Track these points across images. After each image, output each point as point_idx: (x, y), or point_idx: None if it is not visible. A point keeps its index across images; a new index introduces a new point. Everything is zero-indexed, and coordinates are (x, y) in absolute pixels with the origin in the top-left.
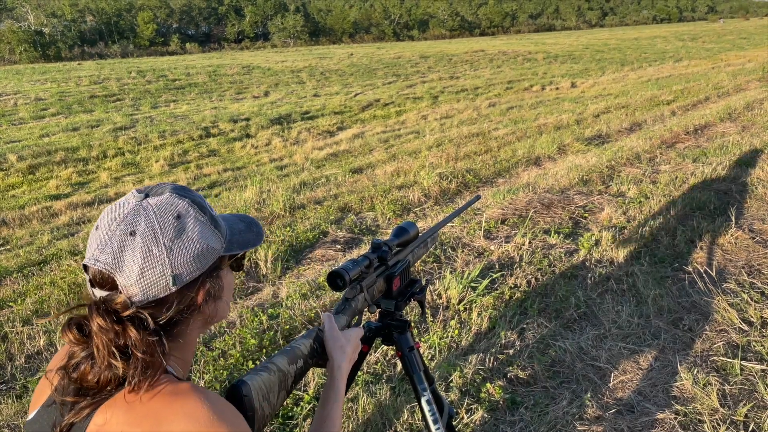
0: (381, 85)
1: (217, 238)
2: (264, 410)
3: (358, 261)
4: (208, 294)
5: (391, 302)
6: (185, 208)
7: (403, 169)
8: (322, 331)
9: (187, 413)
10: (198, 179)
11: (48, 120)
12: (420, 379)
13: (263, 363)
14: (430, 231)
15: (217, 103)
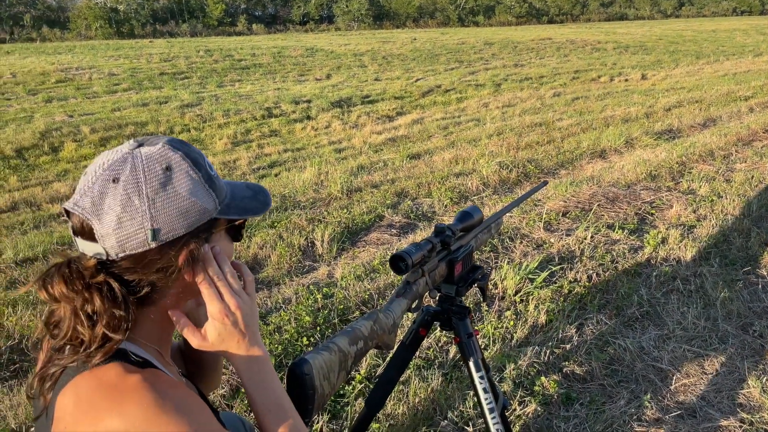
0: (443, 71)
1: (209, 198)
2: (324, 389)
3: (420, 245)
4: (192, 257)
5: (452, 287)
6: (177, 161)
7: (461, 157)
8: (383, 312)
9: (124, 412)
10: (259, 158)
11: (120, 95)
12: (478, 366)
13: (324, 343)
14: (495, 216)
15: (280, 84)
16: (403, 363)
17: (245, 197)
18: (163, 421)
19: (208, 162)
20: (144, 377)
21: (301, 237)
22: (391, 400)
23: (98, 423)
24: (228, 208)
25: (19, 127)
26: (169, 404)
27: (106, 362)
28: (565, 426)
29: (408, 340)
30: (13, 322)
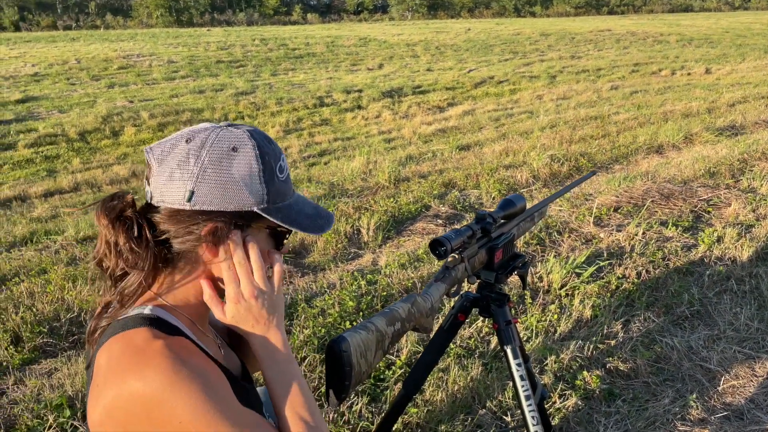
0: (496, 62)
1: (258, 192)
2: (361, 367)
3: (460, 231)
4: (215, 233)
5: (492, 274)
6: (246, 147)
7: (512, 149)
8: (421, 296)
9: (145, 376)
10: (309, 146)
11: (178, 82)
12: (515, 353)
13: (362, 322)
14: (539, 205)
15: (333, 74)
16: (441, 347)
17: (303, 212)
18: (177, 387)
19: (283, 165)
20: (167, 344)
21: (347, 224)
22: (430, 386)
23: (122, 384)
24: (276, 211)
25: (83, 111)
26: (186, 371)
27: (137, 326)
28: (605, 421)
29: (446, 325)
30: (72, 296)
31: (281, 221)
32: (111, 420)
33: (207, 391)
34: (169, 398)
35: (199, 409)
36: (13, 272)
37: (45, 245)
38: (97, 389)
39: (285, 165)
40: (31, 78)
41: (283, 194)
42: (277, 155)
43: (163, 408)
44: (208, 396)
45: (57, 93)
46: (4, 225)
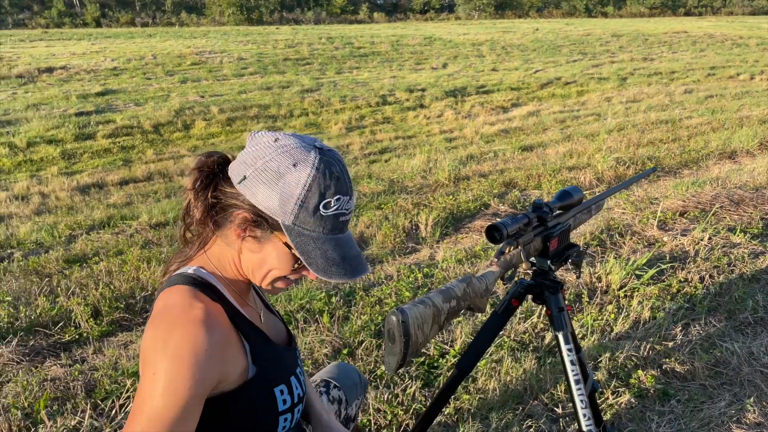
0: (564, 63)
1: (288, 209)
2: (418, 338)
3: (517, 218)
4: (246, 225)
5: (546, 261)
6: (304, 171)
7: (576, 151)
8: (476, 277)
9: (161, 300)
10: (371, 144)
11: (246, 78)
12: (567, 339)
13: (421, 298)
14: (597, 198)
15: (396, 72)
16: (495, 330)
17: (325, 253)
18: (178, 359)
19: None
20: (190, 290)
21: (406, 219)
22: (483, 375)
23: (155, 330)
24: (297, 234)
25: (157, 105)
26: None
27: (180, 283)
28: (658, 420)
29: (500, 309)
30: (147, 276)
31: (294, 244)
32: (141, 351)
33: (195, 378)
34: (168, 356)
35: (169, 379)
36: (93, 252)
37: (121, 229)
38: (146, 329)
39: (336, 206)
40: (110, 72)
41: (316, 225)
42: (333, 192)
43: (158, 356)
44: (189, 383)
45: (134, 87)
46: (83, 210)
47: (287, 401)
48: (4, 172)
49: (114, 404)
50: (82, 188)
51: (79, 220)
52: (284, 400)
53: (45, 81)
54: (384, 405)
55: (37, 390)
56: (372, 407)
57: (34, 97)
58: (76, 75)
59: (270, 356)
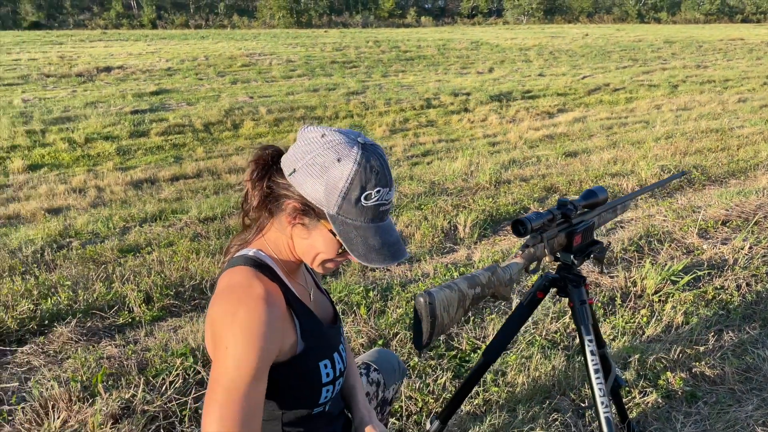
0: (613, 69)
1: (332, 199)
2: (444, 319)
3: (542, 214)
4: (296, 213)
5: (569, 256)
6: (347, 165)
7: (621, 158)
8: (501, 268)
9: (226, 280)
10: (414, 146)
11: (294, 80)
12: (587, 330)
13: (447, 283)
14: (623, 199)
15: (442, 76)
16: (520, 321)
17: (365, 240)
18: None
19: (374, 195)
20: (252, 270)
21: (444, 220)
22: (512, 370)
23: (222, 306)
24: (340, 223)
25: (208, 105)
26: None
27: (242, 264)
28: (684, 420)
29: (526, 301)
30: (195, 266)
31: (337, 232)
32: (208, 327)
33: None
34: (231, 327)
35: (245, 354)
36: (146, 243)
37: (171, 222)
38: (211, 303)
39: (377, 197)
40: (164, 72)
41: (356, 215)
42: (372, 185)
43: (228, 331)
44: (257, 352)
45: (186, 87)
46: (137, 203)
47: (330, 374)
48: (64, 166)
49: (164, 381)
50: (135, 183)
51: (132, 213)
52: (327, 374)
53: (103, 80)
54: (416, 393)
55: (94, 366)
56: (404, 395)
57: (93, 95)
58: (132, 75)
59: (317, 333)
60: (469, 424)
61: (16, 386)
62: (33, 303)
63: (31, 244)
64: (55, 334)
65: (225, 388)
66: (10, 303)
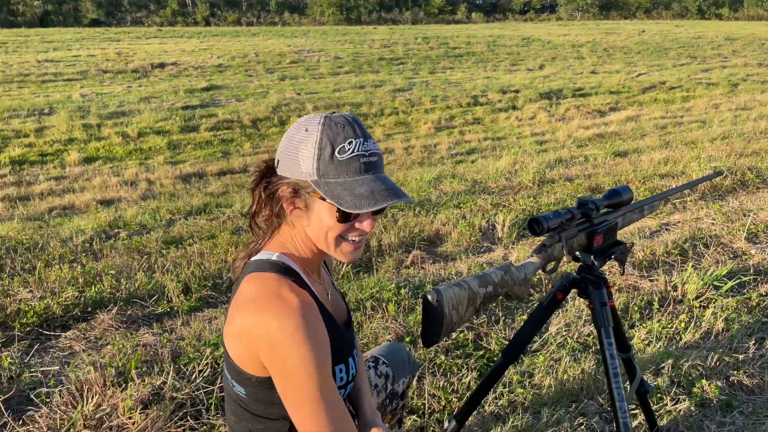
0: (670, 67)
1: (309, 166)
2: (452, 317)
3: (560, 212)
4: (290, 199)
5: (589, 257)
6: (315, 130)
7: (673, 158)
8: (516, 266)
9: (256, 286)
10: (458, 144)
11: (341, 77)
12: (607, 333)
13: (457, 281)
14: (651, 199)
15: (491, 73)
16: (539, 322)
17: (353, 191)
18: (299, 340)
19: (347, 147)
20: (302, 301)
21: (483, 219)
22: (540, 372)
23: (261, 317)
24: (325, 185)
25: (257, 101)
26: (309, 331)
27: (269, 271)
28: (717, 430)
29: (546, 302)
30: (234, 258)
31: (324, 193)
32: (243, 338)
33: (317, 353)
34: (291, 344)
35: (306, 362)
36: (188, 235)
37: (215, 216)
38: (238, 310)
39: (352, 147)
40: (215, 69)
41: (337, 172)
42: (342, 138)
43: (283, 348)
44: (315, 356)
45: (236, 83)
46: (184, 197)
47: (344, 379)
48: (117, 159)
49: (194, 369)
50: (184, 177)
51: (178, 205)
52: (341, 378)
53: (157, 76)
54: (439, 391)
55: (130, 353)
56: (427, 392)
57: (147, 90)
58: (184, 71)
59: (335, 336)
60: (491, 425)
61: (56, 369)
62: (78, 290)
63: (82, 234)
64: (97, 321)
65: (308, 401)
66: (57, 290)
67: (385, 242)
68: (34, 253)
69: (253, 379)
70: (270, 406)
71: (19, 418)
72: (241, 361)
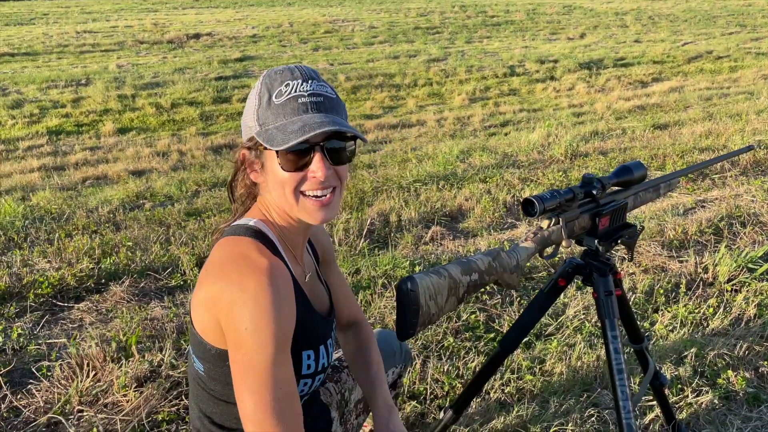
0: (718, 36)
1: (253, 119)
2: (430, 308)
3: (560, 192)
4: (250, 162)
5: (593, 241)
6: (258, 81)
7: (715, 131)
8: (506, 252)
9: (225, 249)
10: (492, 116)
11: (375, 47)
12: (612, 325)
13: (436, 267)
14: (667, 176)
15: (529, 43)
16: (540, 309)
17: (286, 129)
18: (260, 305)
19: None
20: (271, 265)
21: (508, 194)
22: (552, 358)
23: (225, 280)
24: (264, 133)
25: None
26: (273, 297)
27: (243, 235)
28: (741, 425)
29: (547, 288)
30: None
31: (263, 141)
32: (206, 303)
33: (277, 323)
34: (251, 307)
35: (261, 331)
36: (209, 208)
37: None
38: (206, 275)
39: (289, 89)
40: (249, 39)
41: (275, 116)
42: (279, 83)
43: (242, 310)
44: (275, 327)
45: (270, 53)
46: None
47: (311, 367)
48: (150, 130)
49: None
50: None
51: (205, 177)
52: (309, 365)
53: (192, 46)
54: (443, 376)
55: (135, 327)
56: (431, 377)
57: (181, 61)
58: (219, 41)
59: (307, 319)
60: (495, 414)
61: (63, 342)
62: (94, 262)
63: (107, 205)
64: (109, 293)
65: (253, 373)
66: (73, 261)
67: (405, 217)
68: (59, 224)
69: (212, 350)
70: (227, 387)
71: (19, 392)
72: (203, 329)
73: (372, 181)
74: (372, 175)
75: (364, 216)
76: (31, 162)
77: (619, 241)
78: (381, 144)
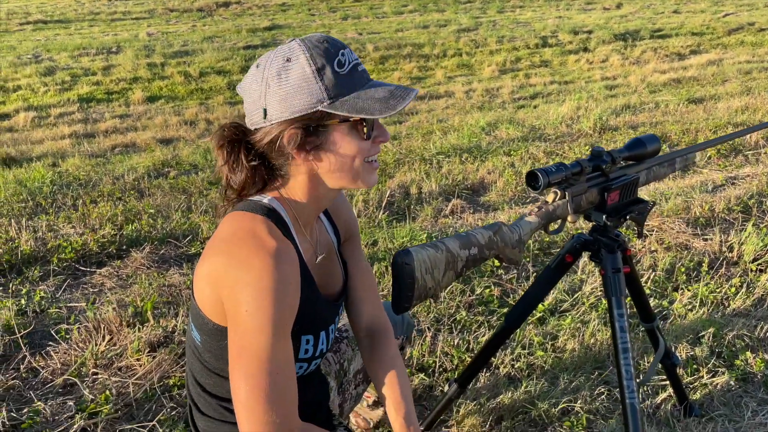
0: (761, 6)
1: (316, 91)
2: (426, 282)
3: (566, 165)
4: (299, 143)
5: (601, 216)
6: (297, 54)
7: (752, 106)
8: (508, 226)
9: (232, 224)
10: (522, 88)
11: (405, 16)
12: (618, 303)
13: (433, 241)
14: (684, 151)
15: (563, 12)
16: (547, 285)
17: (373, 98)
18: (263, 288)
19: (342, 60)
20: (280, 248)
21: (532, 168)
22: (565, 335)
23: (231, 258)
24: (341, 105)
25: None
26: (278, 281)
27: (256, 212)
28: (758, 408)
29: (553, 264)
30: None
31: (347, 112)
32: (210, 278)
33: (278, 306)
34: (254, 288)
35: (262, 313)
36: None
37: None
38: (211, 249)
39: (346, 59)
40: (279, 7)
41: (347, 87)
42: (333, 53)
43: (244, 290)
44: (276, 310)
45: (298, 22)
46: None
47: (309, 351)
48: (179, 99)
49: None
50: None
51: None
52: (306, 350)
53: (221, 15)
54: (453, 349)
55: (152, 293)
56: (441, 350)
57: (210, 30)
58: (248, 10)
59: (310, 302)
60: (502, 389)
61: (83, 306)
62: (117, 228)
63: (134, 172)
64: (130, 259)
65: (249, 355)
66: (96, 227)
67: (426, 190)
68: (86, 190)
69: (210, 325)
70: (220, 361)
71: (38, 353)
72: (203, 303)
73: (395, 153)
74: (395, 147)
75: (384, 187)
76: (62, 129)
77: (628, 217)
78: (407, 115)
